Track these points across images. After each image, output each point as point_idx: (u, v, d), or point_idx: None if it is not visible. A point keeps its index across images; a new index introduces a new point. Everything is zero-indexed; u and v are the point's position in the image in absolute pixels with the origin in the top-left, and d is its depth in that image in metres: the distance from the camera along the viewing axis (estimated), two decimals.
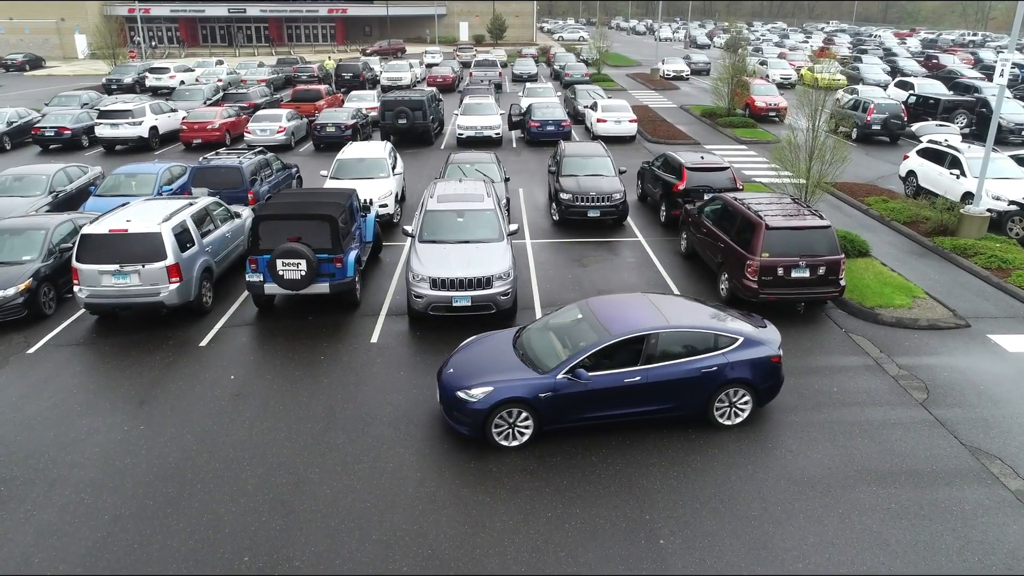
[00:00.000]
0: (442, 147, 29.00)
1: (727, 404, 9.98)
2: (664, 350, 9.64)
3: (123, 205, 14.32)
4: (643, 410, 9.71)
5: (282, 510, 8.42)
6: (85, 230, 12.68)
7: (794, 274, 12.93)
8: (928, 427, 10.06)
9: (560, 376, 9.37)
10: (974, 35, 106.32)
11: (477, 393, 9.37)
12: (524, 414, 9.43)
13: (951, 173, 19.93)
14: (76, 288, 12.64)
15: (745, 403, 10.01)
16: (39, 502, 8.56)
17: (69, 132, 28.04)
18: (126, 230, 12.58)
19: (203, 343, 12.59)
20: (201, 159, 19.33)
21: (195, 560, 7.69)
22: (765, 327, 10.50)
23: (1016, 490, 8.78)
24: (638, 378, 9.51)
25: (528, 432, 9.54)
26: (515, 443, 9.54)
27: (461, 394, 9.44)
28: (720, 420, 10.01)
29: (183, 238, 13.16)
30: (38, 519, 8.28)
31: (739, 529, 8.10)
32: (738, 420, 10.05)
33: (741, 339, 9.92)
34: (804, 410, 10.41)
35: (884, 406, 10.57)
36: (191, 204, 14.20)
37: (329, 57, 60.82)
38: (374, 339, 12.69)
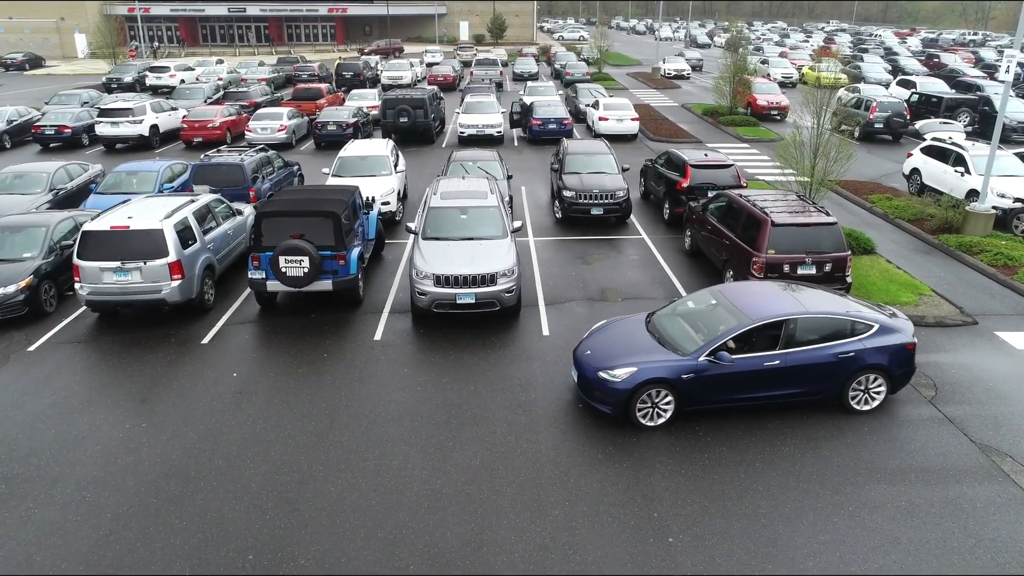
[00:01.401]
0: (443, 145, 28.92)
1: (862, 390, 10.13)
2: (802, 335, 9.83)
3: (124, 202, 14.23)
4: (780, 394, 9.92)
5: (286, 508, 8.34)
6: (86, 227, 12.59)
7: (800, 271, 12.85)
8: (937, 424, 9.98)
9: (702, 358, 9.59)
10: (974, 34, 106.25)
11: (621, 374, 9.58)
12: (666, 395, 9.65)
13: (955, 171, 19.84)
14: (77, 285, 12.55)
15: (879, 389, 10.15)
16: (40, 500, 8.47)
17: (69, 130, 27.96)
18: (127, 227, 12.48)
19: (205, 341, 12.50)
20: (203, 156, 19.25)
21: (198, 559, 7.60)
22: (896, 315, 10.62)
23: None
24: (777, 362, 9.71)
25: (668, 412, 9.75)
26: (658, 422, 9.76)
27: (604, 375, 9.68)
28: (854, 406, 10.17)
29: (185, 235, 13.07)
30: (39, 517, 8.19)
31: (748, 527, 8.01)
32: (871, 406, 10.19)
33: (877, 326, 10.08)
34: (811, 408, 10.30)
35: (892, 403, 10.46)
36: (193, 201, 14.10)
37: (341, 58, 60.74)
38: (377, 336, 12.60)
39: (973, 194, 18.65)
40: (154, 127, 28.62)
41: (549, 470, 9.00)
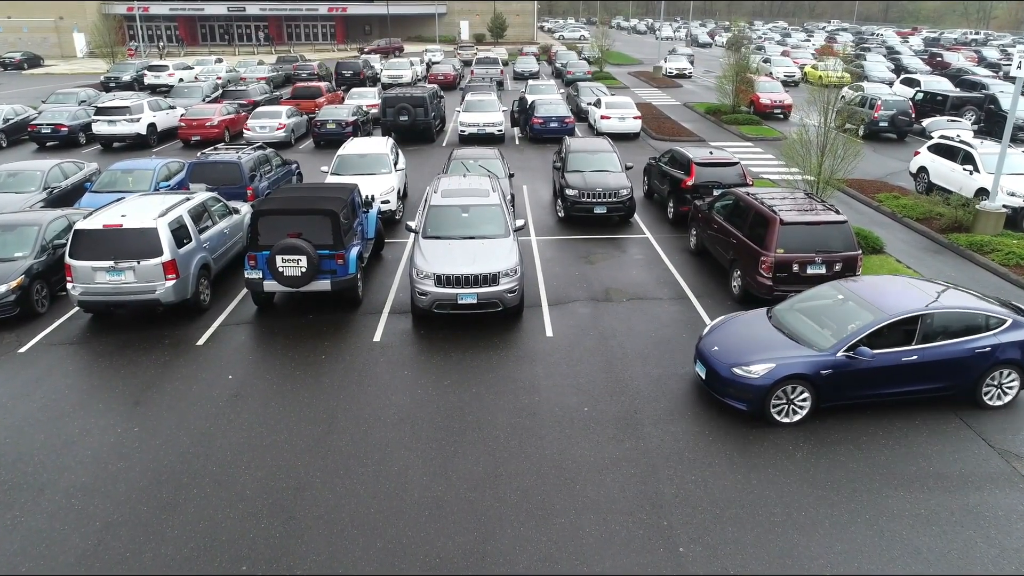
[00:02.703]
0: (444, 144, 28.63)
1: (995, 385, 10.04)
2: (937, 330, 9.76)
3: (118, 200, 13.94)
4: (915, 389, 9.86)
5: (282, 516, 8.04)
6: (79, 225, 12.30)
7: (810, 271, 12.56)
8: (955, 429, 9.67)
9: (840, 353, 9.49)
10: (976, 34, 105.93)
11: (758, 370, 9.49)
12: (802, 391, 9.54)
13: (964, 169, 19.52)
14: (69, 285, 12.26)
15: (1012, 384, 10.06)
16: (27, 508, 8.17)
17: (66, 129, 27.66)
18: (120, 225, 12.19)
19: (200, 342, 12.20)
20: (200, 154, 18.97)
21: (191, 569, 7.32)
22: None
23: None
24: (914, 357, 9.65)
25: (804, 409, 9.66)
26: (793, 419, 9.67)
27: (739, 371, 9.59)
28: (987, 401, 10.08)
29: (180, 234, 12.77)
30: (26, 526, 7.90)
31: (762, 536, 7.71)
32: (1004, 401, 10.10)
33: (1010, 320, 10.00)
34: (823, 413, 10.00)
35: (907, 407, 10.15)
36: (188, 199, 13.81)
37: (356, 55, 60.46)
38: (377, 338, 12.31)
39: (982, 193, 18.34)
40: (151, 125, 28.30)
41: (554, 476, 8.70)
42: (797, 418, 9.67)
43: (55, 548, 7.58)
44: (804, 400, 9.63)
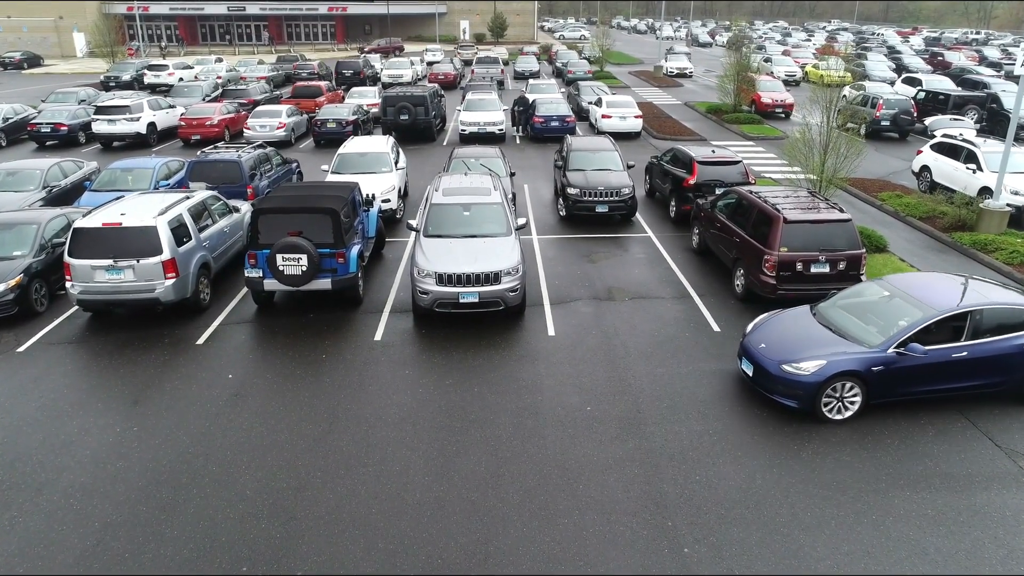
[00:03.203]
0: (444, 143, 28.55)
1: None
2: (986, 325, 9.77)
3: (117, 199, 13.86)
4: (964, 385, 9.86)
5: (282, 516, 7.97)
6: (77, 224, 12.23)
7: (813, 269, 12.48)
8: (961, 429, 9.60)
9: (891, 350, 9.49)
10: (977, 33, 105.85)
11: (809, 367, 9.48)
12: (852, 387, 9.55)
13: (967, 168, 19.44)
14: (68, 284, 12.18)
15: None
16: (25, 508, 8.10)
17: (66, 128, 27.59)
18: (120, 224, 12.12)
19: (200, 341, 12.13)
20: (199, 153, 18.90)
21: (190, 570, 7.24)
22: None
23: None
24: (965, 353, 9.65)
25: (855, 406, 9.65)
26: (845, 415, 9.66)
27: (789, 368, 9.58)
28: None
29: (179, 232, 12.70)
30: (24, 526, 7.82)
31: (767, 537, 7.63)
32: None
33: None
34: (828, 413, 9.92)
35: (912, 407, 10.07)
36: (188, 198, 13.73)
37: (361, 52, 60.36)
38: (377, 337, 12.23)
39: (985, 191, 18.26)
40: (151, 125, 28.22)
41: (557, 476, 8.62)
42: (848, 414, 9.64)
43: (54, 549, 7.51)
44: (855, 397, 9.60)
